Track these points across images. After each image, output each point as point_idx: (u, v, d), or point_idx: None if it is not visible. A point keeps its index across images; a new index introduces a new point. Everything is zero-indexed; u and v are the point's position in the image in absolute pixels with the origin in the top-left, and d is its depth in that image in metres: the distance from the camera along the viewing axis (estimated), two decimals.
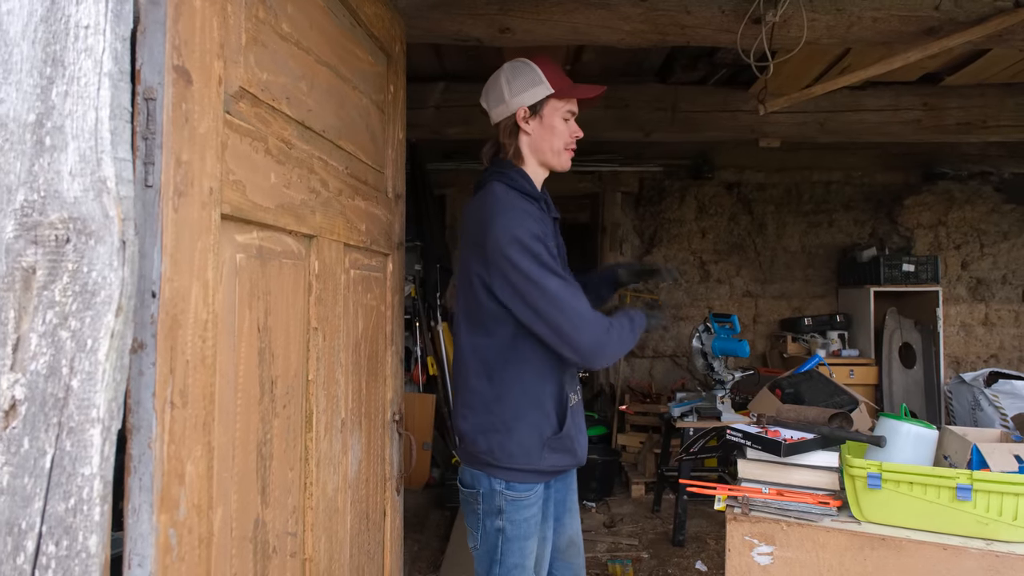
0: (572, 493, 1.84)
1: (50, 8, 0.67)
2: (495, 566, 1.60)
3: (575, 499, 1.85)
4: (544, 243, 1.51)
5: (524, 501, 1.58)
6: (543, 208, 1.65)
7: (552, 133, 1.63)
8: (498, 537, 1.59)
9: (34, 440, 0.64)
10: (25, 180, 0.66)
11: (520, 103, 1.62)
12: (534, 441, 1.58)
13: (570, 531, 1.81)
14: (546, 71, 1.63)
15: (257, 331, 1.06)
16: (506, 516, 1.58)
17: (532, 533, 1.61)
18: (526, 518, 1.59)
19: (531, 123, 1.64)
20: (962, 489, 1.59)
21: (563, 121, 1.64)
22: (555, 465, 1.63)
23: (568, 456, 1.66)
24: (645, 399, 5.06)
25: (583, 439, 1.73)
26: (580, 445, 1.70)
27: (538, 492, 1.62)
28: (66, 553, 0.63)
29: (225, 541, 0.95)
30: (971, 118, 3.71)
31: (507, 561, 1.59)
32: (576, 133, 1.67)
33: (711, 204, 5.52)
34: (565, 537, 1.80)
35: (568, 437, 1.63)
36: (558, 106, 1.62)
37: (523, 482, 1.58)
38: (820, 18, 2.16)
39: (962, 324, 5.41)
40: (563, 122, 1.64)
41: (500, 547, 1.59)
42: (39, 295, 0.65)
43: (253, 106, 1.05)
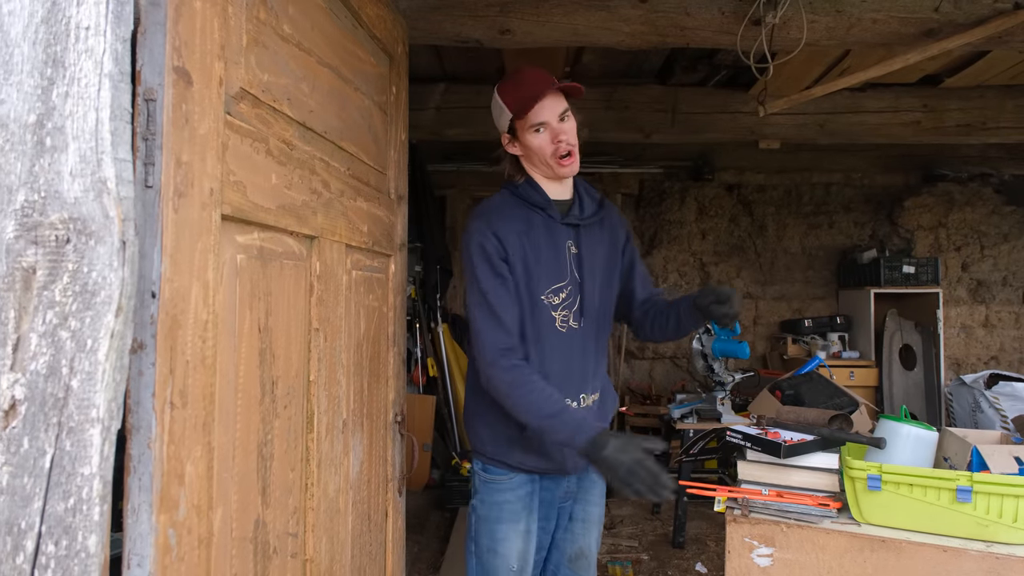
0: (590, 505, 1.81)
1: (51, 9, 0.67)
2: (470, 543, 1.72)
3: (594, 512, 1.82)
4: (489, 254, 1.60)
5: (497, 485, 1.66)
6: (550, 216, 1.68)
7: (531, 150, 1.66)
8: (472, 516, 1.71)
9: (34, 440, 0.64)
10: (26, 180, 0.67)
11: (501, 131, 1.71)
12: (499, 436, 1.66)
13: (581, 542, 1.80)
14: (504, 93, 1.66)
15: (258, 332, 1.06)
16: (479, 496, 1.69)
17: (504, 519, 1.65)
18: (497, 502, 1.65)
19: (516, 146, 1.70)
20: (962, 491, 1.59)
21: (535, 134, 1.64)
22: (524, 463, 1.66)
23: (542, 459, 1.65)
24: (645, 401, 5.06)
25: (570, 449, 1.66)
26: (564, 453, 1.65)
27: (516, 481, 1.66)
28: (65, 553, 0.63)
29: (225, 541, 0.95)
30: (971, 120, 3.71)
31: (480, 542, 1.68)
32: (558, 138, 1.63)
33: (711, 206, 5.52)
34: (575, 547, 1.79)
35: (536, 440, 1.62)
36: (523, 124, 1.65)
37: (498, 468, 1.67)
38: (820, 20, 2.16)
39: (962, 326, 5.41)
40: (535, 135, 1.64)
41: (474, 526, 1.69)
42: (39, 295, 0.65)
43: (254, 107, 1.05)
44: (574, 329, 1.69)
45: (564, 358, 1.68)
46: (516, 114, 1.63)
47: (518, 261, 1.62)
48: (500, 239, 1.61)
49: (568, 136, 1.64)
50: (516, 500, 1.66)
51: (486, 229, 1.62)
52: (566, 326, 1.68)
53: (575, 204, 1.74)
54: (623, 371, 5.39)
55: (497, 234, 1.61)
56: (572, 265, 1.69)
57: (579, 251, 1.70)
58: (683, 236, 5.52)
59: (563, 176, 1.70)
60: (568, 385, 1.67)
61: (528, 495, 1.68)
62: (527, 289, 1.63)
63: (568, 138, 1.64)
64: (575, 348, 1.69)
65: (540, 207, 1.68)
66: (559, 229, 1.69)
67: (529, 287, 1.63)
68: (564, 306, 1.68)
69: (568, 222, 1.70)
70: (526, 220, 1.66)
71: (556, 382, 1.64)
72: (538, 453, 1.65)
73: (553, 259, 1.67)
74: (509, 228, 1.63)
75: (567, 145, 1.63)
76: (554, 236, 1.68)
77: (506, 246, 1.61)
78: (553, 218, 1.68)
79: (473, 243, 1.62)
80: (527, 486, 1.68)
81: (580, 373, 1.70)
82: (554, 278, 1.67)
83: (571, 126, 1.66)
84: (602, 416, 1.78)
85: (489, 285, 1.59)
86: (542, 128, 1.63)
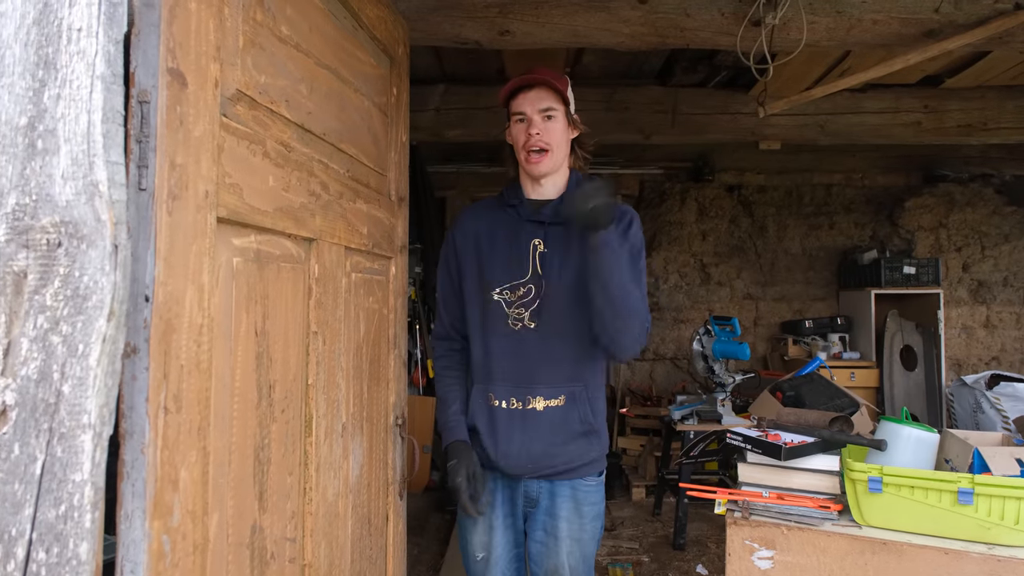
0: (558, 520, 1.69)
1: (43, 11, 0.67)
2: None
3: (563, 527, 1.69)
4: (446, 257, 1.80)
5: None
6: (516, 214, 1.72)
7: (512, 140, 1.71)
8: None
9: (24, 446, 0.63)
10: (17, 184, 0.66)
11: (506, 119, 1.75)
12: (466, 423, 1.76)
13: (555, 559, 1.69)
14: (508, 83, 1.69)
15: (255, 335, 1.05)
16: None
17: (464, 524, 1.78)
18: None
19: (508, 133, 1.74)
20: (963, 493, 1.59)
21: (515, 123, 1.68)
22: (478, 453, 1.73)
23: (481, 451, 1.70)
24: (645, 402, 5.05)
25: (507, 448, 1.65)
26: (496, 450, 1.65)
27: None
28: (56, 560, 0.62)
29: (221, 547, 0.94)
30: (971, 120, 3.71)
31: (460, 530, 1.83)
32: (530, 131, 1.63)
33: (712, 206, 5.51)
34: (550, 562, 1.70)
35: (475, 431, 1.71)
36: (510, 112, 1.70)
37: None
38: (820, 20, 2.16)
39: (963, 326, 5.40)
40: (515, 124, 1.68)
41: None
42: (30, 299, 0.65)
43: (251, 109, 1.04)
44: (529, 328, 1.65)
45: (511, 357, 1.66)
46: (504, 101, 1.70)
47: (472, 261, 1.73)
48: (455, 241, 1.78)
49: (544, 134, 1.63)
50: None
51: (449, 232, 1.81)
52: (519, 324, 1.66)
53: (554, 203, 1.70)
54: (624, 372, 5.38)
55: (454, 237, 1.78)
56: (536, 263, 1.67)
57: (547, 249, 1.67)
58: (683, 237, 5.52)
59: (530, 173, 1.68)
60: (515, 383, 1.65)
61: (490, 491, 1.72)
62: (479, 285, 1.71)
63: (543, 136, 1.63)
64: (527, 348, 1.65)
65: (512, 205, 1.74)
66: (525, 226, 1.69)
67: (481, 283, 1.71)
68: (520, 304, 1.66)
69: (537, 219, 1.68)
70: (492, 219, 1.75)
71: (500, 380, 1.66)
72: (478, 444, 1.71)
73: (510, 256, 1.68)
74: (468, 229, 1.77)
75: (538, 141, 1.63)
76: (517, 233, 1.69)
77: (458, 248, 1.76)
78: (520, 216, 1.71)
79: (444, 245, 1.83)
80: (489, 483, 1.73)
81: (532, 374, 1.65)
82: (510, 275, 1.67)
83: (555, 127, 1.64)
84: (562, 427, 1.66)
85: (439, 279, 1.84)
86: (522, 119, 1.65)
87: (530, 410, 1.65)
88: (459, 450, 1.69)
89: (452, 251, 1.78)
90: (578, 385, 1.68)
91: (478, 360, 1.71)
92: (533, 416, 1.65)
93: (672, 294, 5.52)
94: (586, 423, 1.69)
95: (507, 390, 1.66)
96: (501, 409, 1.66)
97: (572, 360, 1.67)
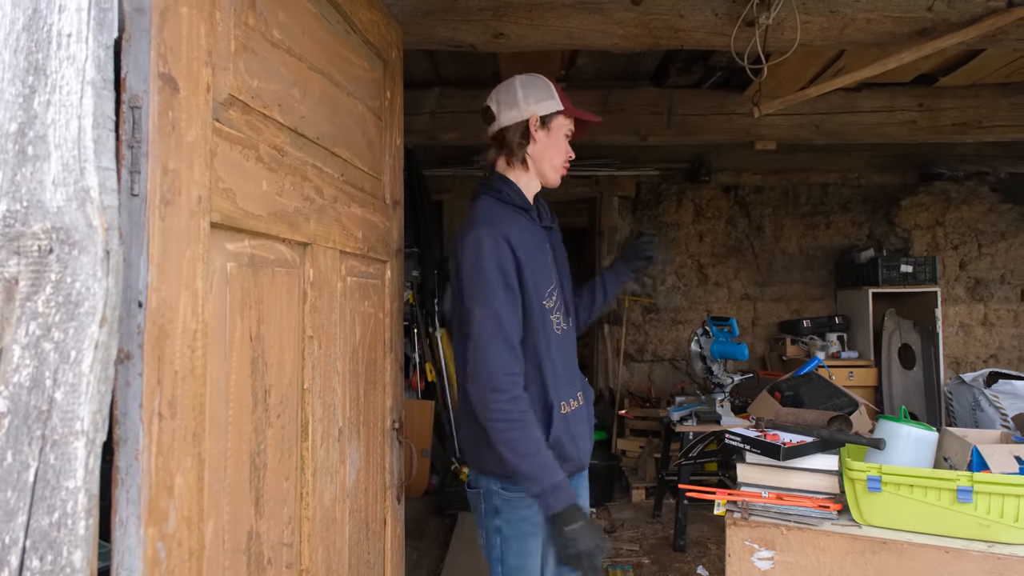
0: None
1: (32, 17, 0.66)
2: (497, 564, 1.63)
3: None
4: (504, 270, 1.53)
5: (519, 501, 1.59)
6: (533, 219, 1.71)
7: (555, 147, 1.72)
8: (497, 537, 1.62)
9: (17, 453, 0.63)
10: (7, 190, 0.66)
11: (534, 111, 1.68)
12: None
13: None
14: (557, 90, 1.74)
15: (249, 340, 1.05)
16: (502, 516, 1.61)
17: (531, 533, 1.60)
18: (523, 517, 1.59)
19: (540, 133, 1.70)
20: (962, 491, 1.59)
21: (563, 138, 1.73)
22: None
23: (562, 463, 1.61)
24: (645, 403, 5.04)
25: (583, 444, 1.71)
26: (577, 449, 1.69)
27: None
28: (50, 568, 0.62)
29: (217, 554, 0.93)
30: (966, 118, 3.71)
31: (508, 561, 1.61)
32: (571, 154, 1.75)
33: (708, 207, 5.52)
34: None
35: (558, 445, 1.60)
36: (563, 123, 1.72)
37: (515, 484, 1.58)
38: (813, 20, 2.16)
39: (961, 324, 5.40)
40: (564, 139, 1.74)
41: (499, 547, 1.62)
42: (22, 306, 0.64)
43: (243, 113, 1.04)
44: (566, 330, 1.74)
45: (564, 359, 1.71)
46: (567, 110, 1.71)
47: (526, 269, 1.58)
48: (514, 250, 1.55)
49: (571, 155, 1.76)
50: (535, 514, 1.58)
51: (499, 239, 1.54)
52: (561, 328, 1.71)
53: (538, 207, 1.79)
54: (622, 374, 5.37)
55: (511, 244, 1.55)
56: (552, 267, 1.73)
57: (554, 253, 1.77)
58: (680, 238, 5.52)
59: (553, 184, 1.77)
60: (568, 385, 1.70)
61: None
62: (536, 296, 1.61)
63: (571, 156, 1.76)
64: (569, 348, 1.75)
65: (524, 209, 1.70)
66: (541, 233, 1.73)
67: (537, 294, 1.61)
68: (557, 308, 1.70)
69: (545, 225, 1.77)
70: (520, 225, 1.65)
71: (561, 384, 1.67)
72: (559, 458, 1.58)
73: (545, 263, 1.69)
74: (518, 237, 1.58)
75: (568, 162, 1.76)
76: (540, 240, 1.71)
77: (519, 257, 1.56)
78: (534, 222, 1.72)
79: (485, 255, 1.53)
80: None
81: (573, 372, 1.75)
82: (548, 282, 1.68)
83: None
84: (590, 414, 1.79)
85: (502, 304, 1.52)
86: (569, 136, 1.74)
87: (582, 406, 1.74)
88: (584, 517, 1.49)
89: (514, 265, 1.55)
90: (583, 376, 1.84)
91: (550, 374, 1.61)
92: (584, 410, 1.75)
93: (670, 295, 5.52)
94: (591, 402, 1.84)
95: (567, 393, 1.69)
96: (571, 412, 1.68)
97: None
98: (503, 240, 1.54)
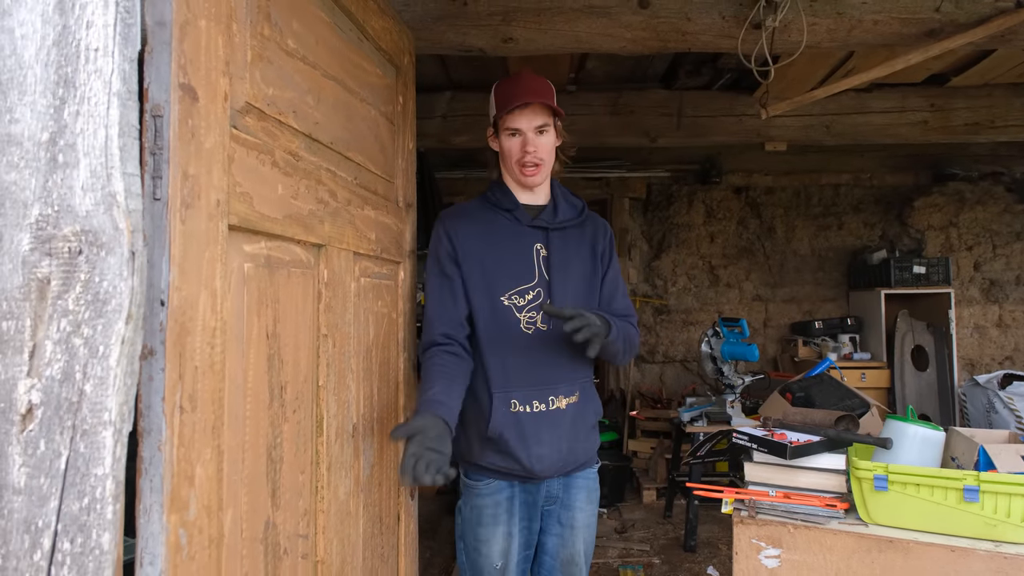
0: (575, 511, 1.78)
1: (61, 32, 0.71)
2: (459, 540, 1.79)
3: (579, 517, 1.79)
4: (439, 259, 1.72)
5: (476, 490, 1.72)
6: (515, 219, 1.74)
7: (505, 149, 1.74)
8: (458, 516, 1.79)
9: (50, 442, 0.67)
10: (40, 195, 0.70)
11: (489, 124, 1.79)
12: (472, 436, 1.72)
13: (571, 548, 1.78)
14: (497, 90, 1.74)
15: (266, 338, 1.09)
16: (463, 500, 1.77)
17: (484, 523, 1.71)
18: (477, 506, 1.71)
19: (495, 142, 1.78)
20: (969, 490, 1.59)
21: (509, 137, 1.72)
22: (494, 463, 1.69)
23: (508, 459, 1.66)
24: (656, 404, 5.06)
25: (538, 451, 1.67)
26: (528, 454, 1.66)
27: (494, 487, 1.71)
28: (80, 550, 0.66)
29: (236, 542, 0.97)
30: (979, 118, 3.70)
31: (467, 540, 1.75)
32: (526, 148, 1.69)
33: (719, 208, 5.52)
34: (566, 552, 1.79)
35: (501, 440, 1.65)
36: (504, 123, 1.72)
37: (475, 472, 1.73)
38: (820, 22, 2.18)
39: (975, 326, 5.37)
40: (509, 138, 1.72)
41: (460, 526, 1.78)
42: (53, 304, 0.68)
43: (260, 120, 1.08)
44: (542, 331, 1.70)
45: (531, 359, 1.69)
46: (498, 113, 1.71)
47: (474, 263, 1.69)
48: (452, 241, 1.71)
49: (538, 151, 1.70)
50: (494, 505, 1.70)
51: (442, 231, 1.74)
52: (532, 327, 1.70)
53: (549, 209, 1.78)
54: (633, 375, 5.39)
55: (450, 236, 1.72)
56: (541, 267, 1.72)
57: (549, 253, 1.73)
58: (691, 239, 5.53)
59: (525, 185, 1.75)
60: (534, 386, 1.69)
61: (508, 500, 1.71)
62: (486, 290, 1.69)
63: (537, 152, 1.70)
64: (544, 350, 1.70)
65: (507, 210, 1.75)
66: (526, 232, 1.74)
67: (489, 288, 1.69)
68: (532, 307, 1.70)
69: (536, 225, 1.74)
70: (489, 223, 1.74)
71: (520, 384, 1.67)
72: (503, 453, 1.67)
73: (516, 261, 1.71)
74: (467, 231, 1.72)
75: (533, 158, 1.70)
76: (520, 238, 1.73)
77: (458, 250, 1.70)
78: (519, 220, 1.74)
79: (431, 244, 1.75)
80: (505, 491, 1.71)
81: (550, 374, 1.71)
82: (519, 280, 1.70)
83: (546, 141, 1.72)
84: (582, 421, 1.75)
85: (433, 285, 1.73)
86: (516, 134, 1.70)
87: (555, 410, 1.70)
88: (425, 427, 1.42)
89: (449, 249, 1.70)
90: (587, 379, 1.80)
91: (494, 367, 1.67)
92: (559, 415, 1.70)
93: (681, 296, 5.53)
94: (597, 413, 1.82)
95: (528, 394, 1.67)
96: (526, 414, 1.67)
97: (580, 357, 1.73)
98: (444, 234, 1.73)
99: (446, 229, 1.73)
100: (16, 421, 0.68)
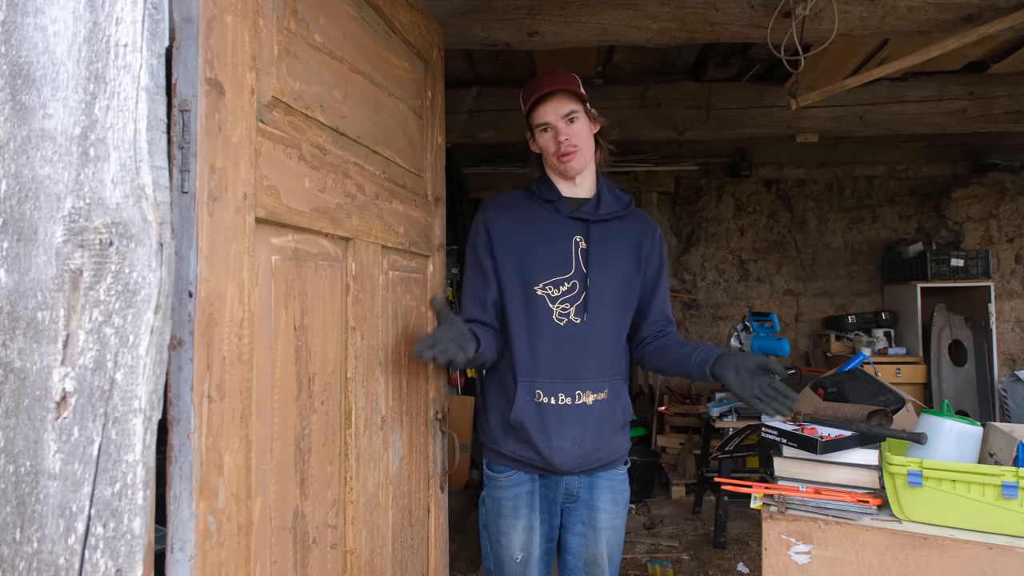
0: (597, 512, 1.77)
1: (92, 29, 0.72)
2: (483, 531, 1.83)
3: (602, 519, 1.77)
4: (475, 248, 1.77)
5: (497, 482, 1.76)
6: (556, 210, 1.75)
7: (542, 144, 1.76)
8: (482, 507, 1.83)
9: (83, 429, 0.69)
10: (72, 189, 0.72)
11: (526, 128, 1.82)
12: (496, 423, 1.76)
13: (594, 549, 1.77)
14: (524, 94, 1.76)
15: (294, 330, 1.10)
16: (486, 491, 1.81)
17: (504, 515, 1.74)
18: (497, 498, 1.76)
19: (533, 144, 1.81)
20: (1007, 487, 1.55)
21: (541, 133, 1.74)
22: (515, 452, 1.71)
23: (529, 450, 1.68)
24: (684, 400, 5.01)
25: (559, 444, 1.66)
26: (549, 445, 1.66)
27: (515, 478, 1.73)
28: (113, 534, 0.68)
29: (264, 530, 0.99)
30: (1020, 106, 3.59)
31: (489, 529, 1.80)
32: (559, 139, 1.70)
33: (749, 202, 5.45)
34: (589, 553, 1.77)
35: (523, 429, 1.67)
36: (533, 123, 1.76)
37: (497, 463, 1.76)
38: (852, 9, 2.13)
39: (1017, 320, 5.22)
40: (541, 134, 1.75)
41: (483, 516, 1.82)
42: (86, 295, 0.70)
43: (286, 114, 1.09)
44: (575, 324, 1.70)
45: (560, 351, 1.69)
46: (526, 115, 1.75)
47: (511, 251, 1.72)
48: (489, 232, 1.75)
49: (570, 137, 1.70)
50: (514, 498, 1.72)
51: (481, 222, 1.77)
52: (565, 319, 1.70)
53: (592, 202, 1.78)
54: None
55: (488, 227, 1.75)
56: (579, 259, 1.72)
57: (588, 246, 1.72)
58: (721, 233, 5.46)
59: (567, 173, 1.75)
60: (561, 379, 1.68)
61: (528, 493, 1.73)
62: (520, 278, 1.71)
63: (570, 139, 1.70)
64: (575, 342, 1.69)
65: (549, 200, 1.76)
66: (566, 223, 1.73)
67: (523, 277, 1.70)
68: (565, 299, 1.70)
69: (578, 216, 1.74)
70: (528, 213, 1.75)
71: (548, 376, 1.67)
72: (525, 442, 1.69)
73: (554, 252, 1.71)
74: (505, 220, 1.75)
75: (567, 146, 1.70)
76: (559, 230, 1.73)
77: (494, 237, 1.74)
78: (560, 212, 1.74)
79: (470, 233, 1.80)
80: (526, 484, 1.73)
81: (579, 368, 1.69)
82: (554, 270, 1.70)
83: (579, 127, 1.71)
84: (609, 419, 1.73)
85: (469, 274, 1.79)
86: (547, 128, 1.72)
87: (580, 405, 1.69)
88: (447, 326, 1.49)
89: (485, 240, 1.75)
90: (618, 378, 1.77)
91: (522, 355, 1.69)
92: (584, 410, 1.69)
93: (710, 291, 5.47)
94: (626, 413, 1.79)
95: (555, 386, 1.67)
96: (550, 405, 1.67)
97: (613, 353, 1.73)
98: (482, 225, 1.77)
99: (485, 220, 1.77)
100: (51, 408, 0.69)
